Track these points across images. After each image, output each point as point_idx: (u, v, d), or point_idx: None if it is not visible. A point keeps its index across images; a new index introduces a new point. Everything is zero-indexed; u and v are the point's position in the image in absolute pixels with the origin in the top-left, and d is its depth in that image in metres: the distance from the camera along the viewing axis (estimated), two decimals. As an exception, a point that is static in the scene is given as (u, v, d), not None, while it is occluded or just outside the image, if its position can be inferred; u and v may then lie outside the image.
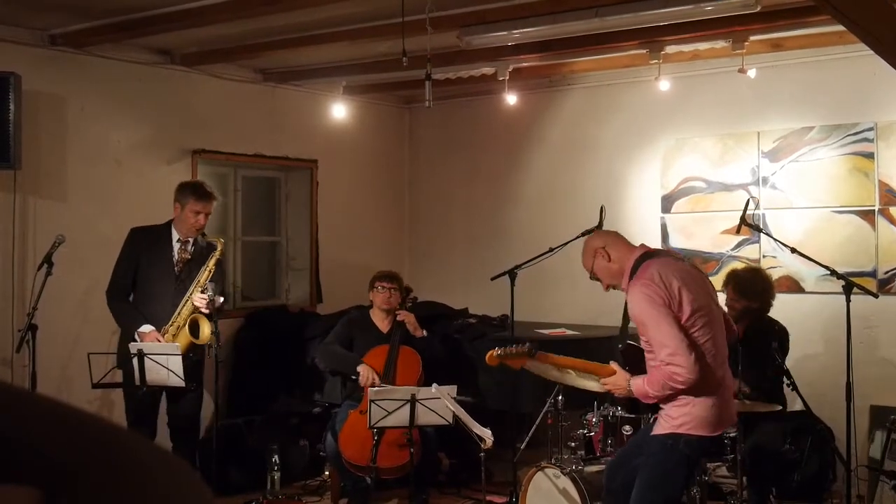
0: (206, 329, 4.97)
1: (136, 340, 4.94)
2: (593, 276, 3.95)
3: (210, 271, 5.05)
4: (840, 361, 4.99)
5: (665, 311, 3.56)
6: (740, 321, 5.29)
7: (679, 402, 3.62)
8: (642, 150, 7.02)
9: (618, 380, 3.83)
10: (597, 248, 3.89)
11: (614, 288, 3.94)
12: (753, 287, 5.26)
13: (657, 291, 3.58)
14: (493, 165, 7.85)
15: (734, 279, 5.31)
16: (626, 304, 3.87)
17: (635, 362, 3.86)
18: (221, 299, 5.04)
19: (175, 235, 5.15)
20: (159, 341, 4.92)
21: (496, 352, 3.92)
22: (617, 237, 4.01)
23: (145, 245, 5.15)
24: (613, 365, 3.88)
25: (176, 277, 5.10)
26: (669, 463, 3.68)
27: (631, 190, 7.08)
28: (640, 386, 3.69)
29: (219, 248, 5.11)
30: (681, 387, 3.55)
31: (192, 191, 5.11)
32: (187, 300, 5.01)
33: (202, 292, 4.95)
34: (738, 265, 6.26)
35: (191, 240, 5.15)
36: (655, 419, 3.88)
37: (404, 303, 5.75)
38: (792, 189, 6.31)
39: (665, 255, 3.88)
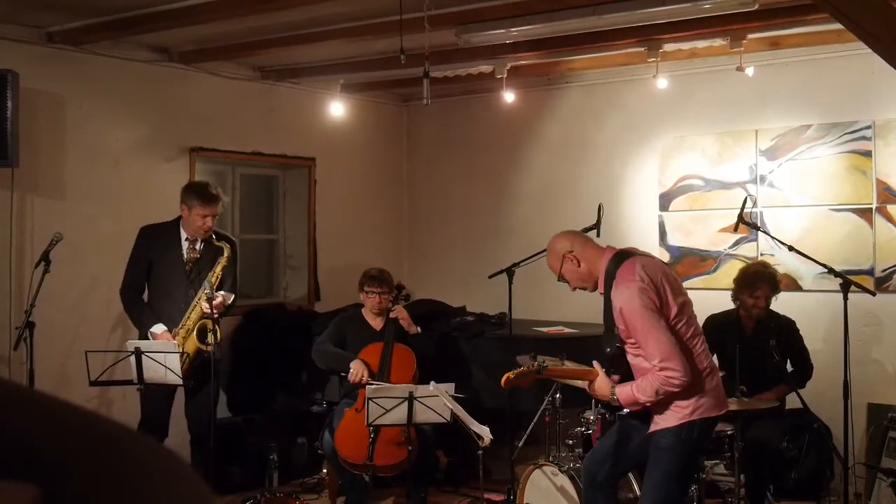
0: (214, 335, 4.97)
1: (148, 340, 4.98)
2: (561, 279, 3.92)
3: (218, 277, 5.08)
4: (838, 359, 5.00)
5: (656, 316, 3.54)
6: (754, 319, 5.32)
7: (685, 394, 3.61)
8: (640, 148, 7.02)
9: (601, 386, 3.79)
10: (564, 252, 3.84)
11: (582, 289, 3.92)
12: (779, 278, 5.34)
13: (648, 293, 3.56)
14: (492, 163, 7.85)
15: (767, 278, 5.27)
16: (605, 305, 3.82)
17: (623, 365, 3.80)
18: (232, 297, 5.05)
19: (183, 234, 5.19)
20: (171, 343, 4.94)
21: (511, 375, 3.86)
22: (584, 239, 3.93)
23: (156, 243, 5.19)
24: (596, 366, 3.84)
25: (186, 276, 5.13)
26: (686, 452, 3.70)
27: (629, 188, 7.08)
28: (628, 394, 3.66)
29: (225, 254, 5.13)
30: (676, 390, 3.55)
31: (196, 194, 5.10)
32: (196, 305, 5.02)
33: (209, 300, 4.91)
34: (737, 263, 6.27)
35: (199, 239, 5.17)
36: (639, 412, 3.85)
37: (396, 300, 5.75)
38: (789, 187, 6.31)
39: (638, 253, 3.83)
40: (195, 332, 4.99)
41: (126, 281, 5.21)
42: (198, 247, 5.19)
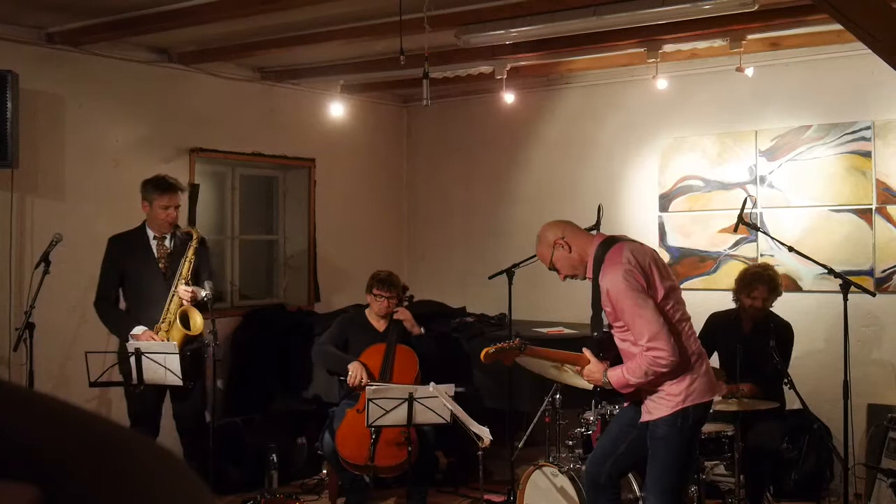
0: (197, 319, 4.96)
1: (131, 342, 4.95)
2: (552, 267, 3.93)
3: (190, 262, 5.05)
4: (838, 360, 5.00)
5: (643, 296, 3.57)
6: (752, 319, 5.32)
7: (675, 381, 3.63)
8: (640, 148, 7.02)
9: (593, 370, 3.81)
10: (556, 239, 3.86)
11: (572, 278, 3.93)
12: (779, 281, 5.34)
13: (635, 275, 3.59)
14: (491, 164, 7.85)
15: (766, 279, 5.28)
16: (593, 289, 3.83)
17: (612, 349, 3.83)
18: (204, 291, 4.98)
19: (150, 234, 5.14)
20: (154, 340, 4.93)
21: (490, 349, 3.93)
22: (574, 227, 3.97)
23: (126, 251, 5.14)
24: (586, 353, 3.86)
25: (163, 275, 5.10)
26: (683, 440, 3.72)
27: (629, 189, 7.08)
28: (619, 376, 3.68)
29: (194, 238, 5.12)
30: (664, 370, 3.56)
31: (155, 186, 5.10)
32: (173, 294, 5.02)
33: (186, 284, 4.97)
34: (737, 264, 6.27)
35: (167, 235, 5.15)
36: (629, 405, 3.90)
37: (401, 302, 5.74)
38: (789, 188, 6.31)
39: (627, 240, 3.87)
40: (178, 321, 4.97)
41: (99, 292, 5.13)
42: (167, 242, 5.15)
